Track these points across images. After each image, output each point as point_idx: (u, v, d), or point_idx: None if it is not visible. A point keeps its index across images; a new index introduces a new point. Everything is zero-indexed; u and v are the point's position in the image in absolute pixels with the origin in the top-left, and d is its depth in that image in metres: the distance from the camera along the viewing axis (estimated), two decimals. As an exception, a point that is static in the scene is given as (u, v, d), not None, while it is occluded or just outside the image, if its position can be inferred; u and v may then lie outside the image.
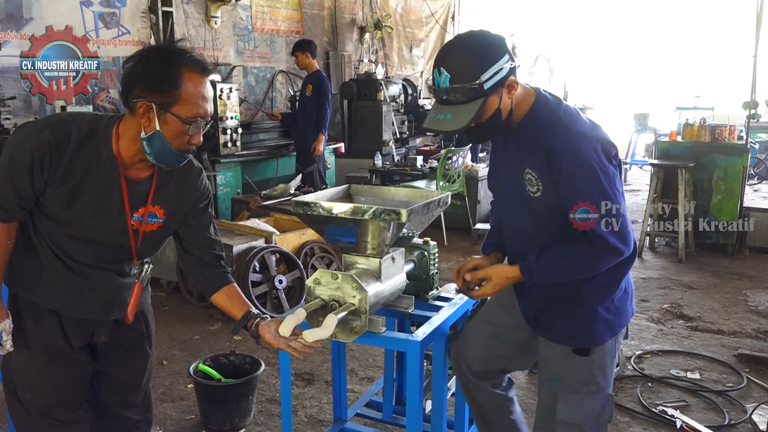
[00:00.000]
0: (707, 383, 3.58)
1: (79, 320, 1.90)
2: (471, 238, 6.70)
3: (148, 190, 1.84)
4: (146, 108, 1.68)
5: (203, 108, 1.72)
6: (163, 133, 1.69)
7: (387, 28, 9.97)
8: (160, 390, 3.41)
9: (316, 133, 6.51)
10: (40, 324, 1.87)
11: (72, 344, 1.90)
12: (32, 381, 1.91)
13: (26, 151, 1.70)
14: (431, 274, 2.49)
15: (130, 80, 1.71)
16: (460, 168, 6.68)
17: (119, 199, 1.79)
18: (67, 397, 1.95)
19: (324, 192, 2.46)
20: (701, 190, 6.20)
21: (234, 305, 1.98)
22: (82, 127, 1.74)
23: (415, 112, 9.37)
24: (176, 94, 1.67)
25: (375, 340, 2.13)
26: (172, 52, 1.71)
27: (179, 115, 1.68)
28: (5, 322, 1.83)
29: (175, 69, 1.67)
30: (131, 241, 1.86)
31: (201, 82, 1.71)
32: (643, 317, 4.59)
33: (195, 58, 1.72)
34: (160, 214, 1.88)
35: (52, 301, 1.86)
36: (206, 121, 1.75)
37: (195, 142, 1.76)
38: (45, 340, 1.88)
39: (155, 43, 6.09)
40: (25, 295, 1.88)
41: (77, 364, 1.94)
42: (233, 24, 7.54)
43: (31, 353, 1.88)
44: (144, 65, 1.69)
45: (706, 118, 6.97)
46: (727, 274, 5.60)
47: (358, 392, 3.43)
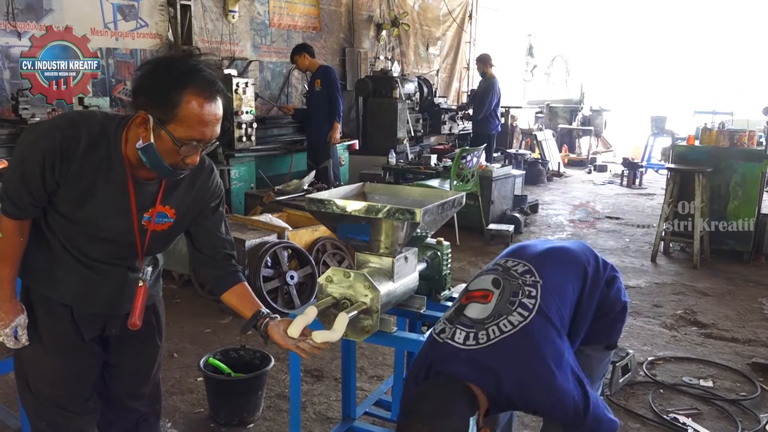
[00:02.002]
0: (720, 391, 3.53)
1: (91, 314, 1.91)
2: (484, 238, 6.67)
3: (157, 190, 1.83)
4: (144, 118, 1.66)
5: (200, 132, 1.66)
6: (156, 147, 1.67)
7: (404, 26, 9.95)
8: (169, 382, 3.42)
9: (331, 123, 6.51)
10: (53, 316, 1.88)
11: (83, 337, 1.91)
12: (43, 372, 1.92)
13: (38, 152, 1.69)
14: (444, 274, 2.48)
15: (138, 87, 1.69)
16: (474, 168, 6.66)
17: (127, 200, 1.79)
18: (78, 388, 1.96)
19: (338, 189, 2.45)
20: (718, 195, 6.12)
21: (244, 304, 1.97)
22: (92, 129, 1.73)
23: (430, 110, 9.35)
24: (173, 113, 1.63)
25: (386, 340, 2.12)
26: (182, 69, 1.66)
27: (172, 134, 1.64)
28: (20, 317, 1.85)
29: (178, 88, 1.62)
30: (137, 241, 1.86)
31: (203, 106, 1.64)
32: (656, 323, 4.54)
33: (205, 79, 1.65)
34: (170, 214, 1.88)
35: (65, 295, 1.87)
36: (205, 145, 1.70)
37: (189, 162, 1.72)
38: (57, 332, 1.89)
39: (173, 53, 6.08)
40: (38, 287, 1.89)
41: (88, 356, 1.95)
42: (251, 18, 7.56)
43: (43, 345, 1.89)
44: (152, 75, 1.67)
45: (725, 123, 6.89)
46: (743, 281, 5.54)
47: (367, 390, 3.42)
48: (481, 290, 1.92)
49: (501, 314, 1.82)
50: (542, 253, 2.06)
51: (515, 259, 2.00)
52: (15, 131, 4.80)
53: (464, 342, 1.79)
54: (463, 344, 1.78)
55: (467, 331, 1.81)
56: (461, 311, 1.89)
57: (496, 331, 1.78)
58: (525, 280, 1.89)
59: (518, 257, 2.03)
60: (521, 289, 1.87)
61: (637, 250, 6.53)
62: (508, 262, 2.00)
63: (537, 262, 1.97)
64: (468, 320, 1.84)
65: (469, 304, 1.89)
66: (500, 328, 1.78)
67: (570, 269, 1.98)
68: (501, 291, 1.88)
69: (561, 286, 1.91)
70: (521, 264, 1.97)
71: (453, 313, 1.91)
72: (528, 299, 1.84)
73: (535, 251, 2.06)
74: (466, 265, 5.80)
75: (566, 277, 1.95)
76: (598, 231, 7.39)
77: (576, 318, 1.95)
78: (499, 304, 1.85)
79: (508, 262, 2.00)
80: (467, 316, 1.85)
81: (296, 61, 6.69)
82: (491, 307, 1.85)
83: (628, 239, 7.02)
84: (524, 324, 1.78)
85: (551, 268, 1.96)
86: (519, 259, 2.00)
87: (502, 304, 1.84)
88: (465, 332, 1.81)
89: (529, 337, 1.77)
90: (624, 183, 10.69)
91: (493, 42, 12.44)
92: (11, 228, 1.79)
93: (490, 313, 1.83)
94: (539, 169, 10.59)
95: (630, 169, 10.71)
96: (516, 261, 1.99)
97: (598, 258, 2.10)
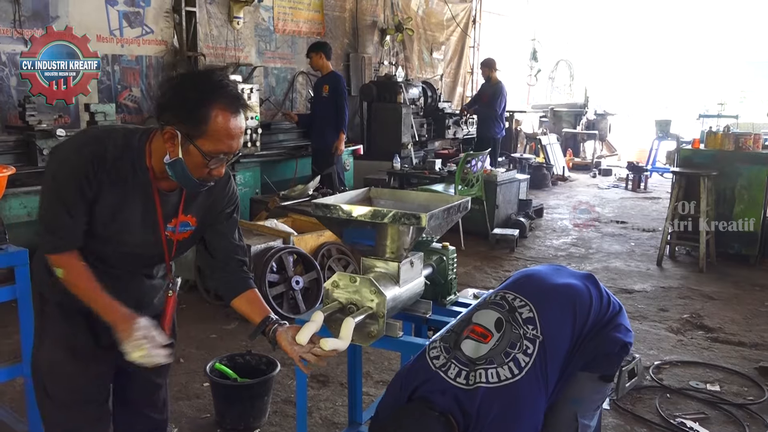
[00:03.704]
0: (727, 396, 3.52)
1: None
2: (488, 242, 6.66)
3: (178, 200, 1.86)
4: (172, 134, 1.68)
5: (227, 145, 1.70)
6: (185, 161, 1.70)
7: (408, 31, 9.97)
8: (176, 388, 3.43)
9: (337, 133, 6.53)
10: (69, 322, 1.89)
11: (100, 342, 1.91)
12: (61, 377, 1.93)
13: (70, 171, 1.70)
14: (449, 279, 2.48)
15: (164, 103, 1.72)
16: (478, 172, 6.66)
17: (153, 211, 1.81)
18: (94, 393, 1.98)
19: (344, 194, 2.46)
20: (724, 199, 6.11)
21: (253, 310, 1.97)
22: (117, 142, 1.75)
23: (434, 115, 9.36)
24: (203, 129, 1.67)
25: (392, 345, 2.13)
26: (208, 85, 1.69)
27: (202, 148, 1.68)
28: (140, 320, 1.74)
29: (207, 103, 1.66)
30: (165, 251, 1.89)
31: (230, 120, 1.69)
32: (662, 327, 4.53)
33: (230, 94, 1.70)
34: (192, 222, 1.91)
35: (82, 302, 1.85)
36: (231, 157, 1.75)
37: (216, 174, 1.76)
38: (73, 337, 1.90)
39: (196, 69, 6.06)
40: (54, 295, 1.89)
41: (104, 361, 1.95)
42: (255, 25, 7.58)
43: (60, 350, 1.90)
44: (179, 92, 1.69)
45: (730, 126, 6.88)
46: (749, 285, 5.52)
47: (373, 395, 3.41)
48: (483, 328, 1.92)
49: (492, 362, 1.83)
50: (548, 292, 2.03)
51: (522, 299, 1.98)
52: (22, 138, 4.83)
53: (455, 378, 1.83)
54: (454, 380, 1.82)
55: (460, 367, 1.84)
56: (459, 344, 1.90)
57: (482, 377, 1.80)
58: (526, 332, 1.88)
59: (525, 294, 2.00)
60: (520, 341, 1.86)
61: (642, 254, 6.52)
62: (516, 301, 1.97)
63: (541, 307, 1.95)
64: (463, 356, 1.86)
65: (467, 339, 1.90)
66: (488, 377, 1.80)
67: (569, 315, 1.96)
68: (501, 336, 1.88)
69: (558, 340, 1.90)
70: (527, 308, 1.94)
71: (452, 343, 1.92)
72: (523, 356, 1.83)
73: (542, 288, 2.04)
74: (471, 270, 5.80)
75: (565, 325, 1.93)
76: (603, 235, 7.38)
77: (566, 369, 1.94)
78: (494, 349, 1.86)
79: (516, 301, 1.97)
80: (463, 352, 1.87)
81: (311, 57, 6.71)
82: (486, 349, 1.86)
83: (633, 243, 7.00)
84: (511, 381, 1.79)
85: (552, 313, 1.94)
86: (525, 298, 1.98)
87: (497, 352, 1.85)
88: (458, 368, 1.84)
89: (512, 396, 1.79)
90: (629, 187, 10.68)
91: (497, 46, 12.46)
92: (65, 259, 1.77)
93: (483, 355, 1.85)
94: (544, 174, 10.59)
95: (635, 173, 10.70)
96: (523, 301, 1.97)
97: (602, 295, 2.07)
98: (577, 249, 6.74)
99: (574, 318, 1.96)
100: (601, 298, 2.05)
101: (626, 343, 2.03)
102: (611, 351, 2.01)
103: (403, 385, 1.91)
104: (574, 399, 2.04)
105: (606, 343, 1.99)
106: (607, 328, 2.01)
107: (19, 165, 4.60)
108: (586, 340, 1.97)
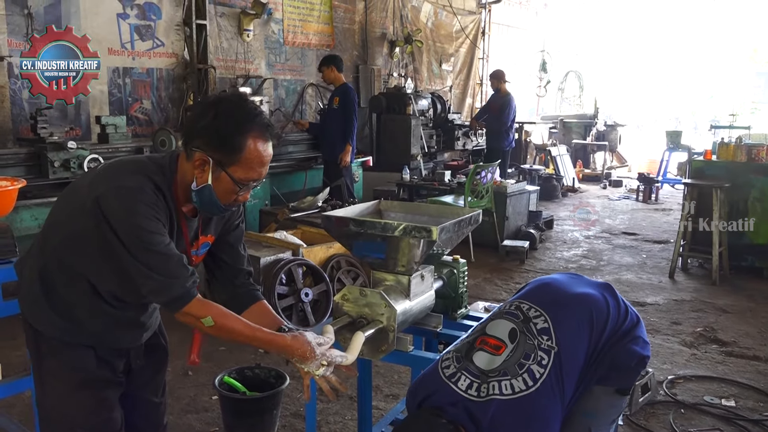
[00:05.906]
0: (743, 411, 3.46)
1: (116, 349, 1.89)
2: (499, 254, 6.63)
3: (197, 223, 1.87)
4: (203, 161, 1.68)
5: (258, 172, 1.72)
6: (214, 188, 1.70)
7: (417, 43, 10.00)
8: (184, 401, 3.41)
9: (344, 144, 6.54)
10: (75, 354, 1.81)
11: (109, 371, 1.87)
12: (74, 409, 1.83)
13: (144, 211, 1.64)
14: (460, 292, 2.45)
15: (196, 129, 1.69)
16: (488, 183, 6.63)
17: (181, 238, 1.81)
18: (110, 416, 1.88)
19: (354, 207, 2.45)
20: (736, 211, 6.05)
21: (265, 322, 1.93)
22: (155, 177, 1.71)
23: (443, 126, 9.35)
24: (237, 157, 1.67)
25: (402, 359, 2.10)
26: (244, 114, 1.69)
27: (233, 176, 1.69)
28: (308, 337, 1.80)
29: (243, 133, 1.66)
30: None
31: (264, 148, 1.70)
32: (675, 340, 4.47)
33: (263, 123, 1.71)
34: (211, 241, 1.93)
35: (89, 338, 1.82)
36: (259, 184, 1.76)
37: (242, 199, 1.77)
38: (81, 370, 1.82)
39: (228, 94, 6.06)
40: (54, 333, 1.81)
41: (114, 387, 1.90)
42: (265, 37, 7.63)
43: (68, 385, 1.82)
44: (213, 119, 1.67)
45: (742, 138, 6.82)
46: (763, 298, 5.44)
47: (383, 409, 3.38)
48: (497, 339, 1.89)
49: (506, 373, 1.79)
50: (564, 301, 1.98)
51: (537, 309, 1.94)
52: (34, 150, 4.85)
53: (466, 390, 1.79)
54: (465, 392, 1.79)
55: (472, 379, 1.81)
56: (471, 354, 1.87)
57: (496, 389, 1.77)
58: (540, 342, 1.84)
59: (540, 304, 1.96)
60: (534, 352, 1.83)
61: (654, 266, 6.46)
62: (531, 311, 1.93)
63: (556, 317, 1.90)
64: (475, 368, 1.83)
65: (480, 351, 1.87)
66: (501, 389, 1.76)
67: (585, 325, 1.91)
68: (515, 347, 1.85)
69: (574, 351, 1.86)
70: (542, 318, 1.90)
71: (464, 353, 1.89)
72: (538, 367, 1.80)
73: (557, 297, 2.00)
74: (481, 282, 5.76)
75: (581, 336, 1.89)
76: (615, 247, 7.32)
77: (582, 381, 1.90)
78: (508, 361, 1.82)
79: (531, 311, 1.93)
80: (475, 364, 1.84)
81: (323, 71, 6.74)
82: (500, 361, 1.82)
83: (645, 255, 6.94)
84: (525, 393, 1.76)
85: (568, 324, 1.90)
86: (540, 308, 1.94)
87: (511, 364, 1.81)
88: (470, 380, 1.81)
89: (527, 408, 1.75)
90: (640, 198, 10.61)
91: (506, 58, 12.47)
92: (206, 305, 1.73)
93: (496, 367, 1.81)
94: (554, 185, 10.54)
95: (646, 184, 10.63)
96: (538, 311, 1.93)
97: (620, 305, 2.02)
98: (588, 261, 6.69)
99: (591, 329, 1.91)
100: (618, 309, 2.00)
101: (644, 357, 1.98)
102: (628, 364, 1.95)
103: (413, 395, 1.89)
104: (589, 412, 2.00)
105: (623, 355, 1.94)
106: (624, 340, 1.96)
107: (31, 177, 4.62)
108: (602, 352, 1.92)
